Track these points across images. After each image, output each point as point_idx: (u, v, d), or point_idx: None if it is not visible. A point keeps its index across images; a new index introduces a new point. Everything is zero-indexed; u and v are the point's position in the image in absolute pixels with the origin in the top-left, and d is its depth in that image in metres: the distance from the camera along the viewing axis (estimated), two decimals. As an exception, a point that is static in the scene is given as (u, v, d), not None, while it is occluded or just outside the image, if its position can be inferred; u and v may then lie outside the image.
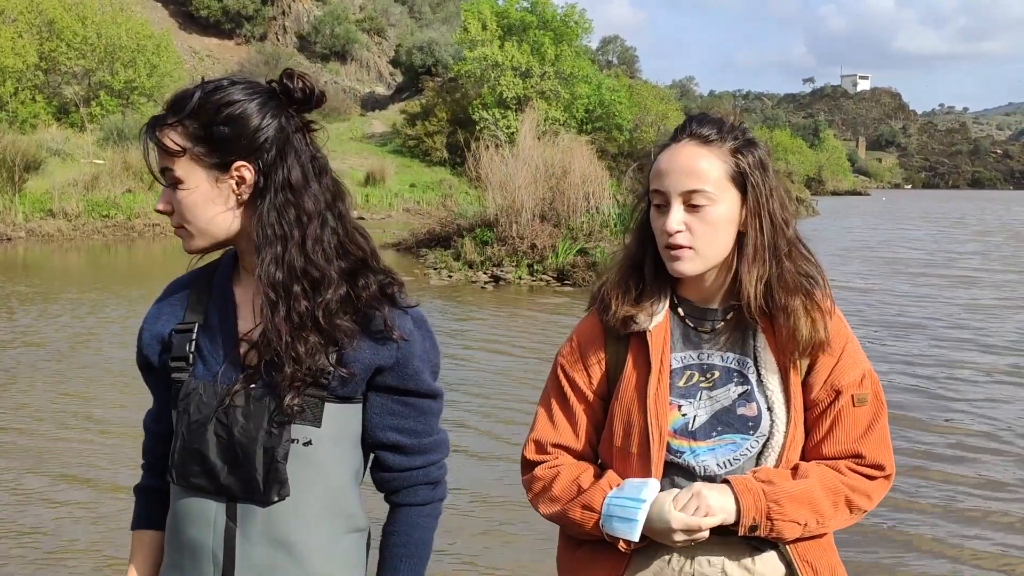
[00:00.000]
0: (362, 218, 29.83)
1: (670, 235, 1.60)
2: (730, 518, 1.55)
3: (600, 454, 1.73)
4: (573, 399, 1.73)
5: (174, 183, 1.49)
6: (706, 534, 1.56)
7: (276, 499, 1.47)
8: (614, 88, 39.25)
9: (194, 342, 1.54)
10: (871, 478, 1.65)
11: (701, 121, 1.65)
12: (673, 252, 1.61)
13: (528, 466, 1.76)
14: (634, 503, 1.57)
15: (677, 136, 1.66)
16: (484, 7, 38.89)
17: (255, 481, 1.46)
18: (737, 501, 1.55)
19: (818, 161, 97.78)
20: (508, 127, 31.24)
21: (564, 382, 1.74)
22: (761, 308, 1.63)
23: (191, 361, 1.53)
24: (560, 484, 1.68)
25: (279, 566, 1.49)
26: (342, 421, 1.52)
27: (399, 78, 60.09)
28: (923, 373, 9.08)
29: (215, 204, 1.50)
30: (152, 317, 1.62)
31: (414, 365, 1.53)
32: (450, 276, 16.03)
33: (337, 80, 60.85)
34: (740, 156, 1.62)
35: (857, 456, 1.64)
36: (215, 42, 59.45)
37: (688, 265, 1.61)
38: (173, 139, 1.48)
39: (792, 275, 1.62)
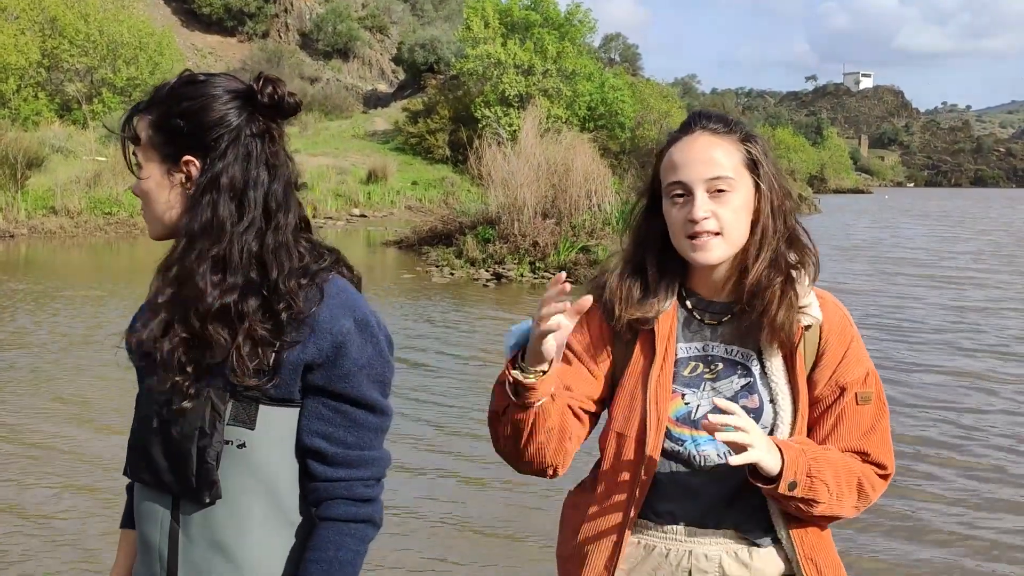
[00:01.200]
0: (364, 215, 29.84)
1: (696, 223, 1.60)
2: (772, 466, 1.52)
3: (599, 443, 1.73)
4: (572, 358, 1.69)
5: (140, 168, 1.53)
6: (739, 411, 1.49)
7: (208, 500, 1.44)
8: (616, 86, 39.17)
9: None
10: None
11: (708, 116, 1.70)
12: (697, 241, 1.61)
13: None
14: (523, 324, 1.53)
15: (688, 129, 1.69)
16: (487, 5, 38.81)
17: (190, 481, 1.44)
18: (781, 454, 1.53)
19: (820, 159, 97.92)
20: (510, 125, 31.19)
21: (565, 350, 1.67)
22: (753, 292, 1.63)
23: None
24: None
25: (216, 568, 1.46)
26: (278, 423, 1.47)
27: (401, 76, 60.09)
28: (908, 375, 9.05)
29: (166, 194, 1.51)
30: (136, 316, 1.63)
31: (345, 367, 1.46)
32: (452, 274, 16.05)
33: (339, 77, 60.90)
34: (749, 145, 1.66)
35: (862, 453, 1.66)
36: (217, 39, 59.51)
37: (715, 252, 1.62)
38: (138, 127, 1.51)
39: (783, 260, 1.65)
